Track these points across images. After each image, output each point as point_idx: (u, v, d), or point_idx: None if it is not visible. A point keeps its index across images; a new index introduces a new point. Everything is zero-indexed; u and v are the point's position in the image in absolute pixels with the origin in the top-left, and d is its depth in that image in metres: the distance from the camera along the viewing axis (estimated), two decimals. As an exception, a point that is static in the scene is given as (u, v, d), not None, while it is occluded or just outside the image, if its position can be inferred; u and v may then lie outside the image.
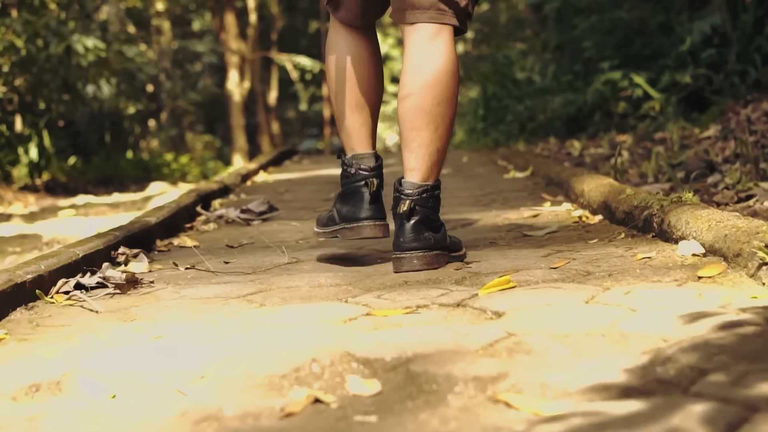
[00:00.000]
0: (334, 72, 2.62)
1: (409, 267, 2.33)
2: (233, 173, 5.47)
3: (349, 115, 2.63)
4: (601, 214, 3.24)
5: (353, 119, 2.62)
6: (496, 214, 3.60)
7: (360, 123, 2.62)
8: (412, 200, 2.35)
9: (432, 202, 2.39)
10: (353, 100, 2.61)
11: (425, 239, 2.35)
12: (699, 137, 5.92)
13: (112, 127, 15.74)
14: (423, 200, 2.37)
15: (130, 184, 11.13)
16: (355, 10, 2.60)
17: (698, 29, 8.29)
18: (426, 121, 2.38)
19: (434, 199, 2.40)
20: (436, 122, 2.38)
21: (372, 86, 2.62)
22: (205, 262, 2.70)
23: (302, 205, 4.34)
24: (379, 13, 2.65)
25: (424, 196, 2.37)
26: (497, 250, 2.67)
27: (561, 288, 1.98)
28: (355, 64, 2.59)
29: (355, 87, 2.60)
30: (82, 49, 8.78)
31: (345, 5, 2.60)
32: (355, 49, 2.60)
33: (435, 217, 2.40)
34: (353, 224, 2.55)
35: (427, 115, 2.38)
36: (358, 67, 2.59)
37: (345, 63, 2.60)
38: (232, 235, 3.48)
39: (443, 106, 2.38)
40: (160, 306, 2.09)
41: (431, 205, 2.39)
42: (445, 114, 2.39)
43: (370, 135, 2.64)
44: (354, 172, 2.59)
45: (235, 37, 20.52)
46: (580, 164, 5.84)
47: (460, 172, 5.55)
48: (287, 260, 2.75)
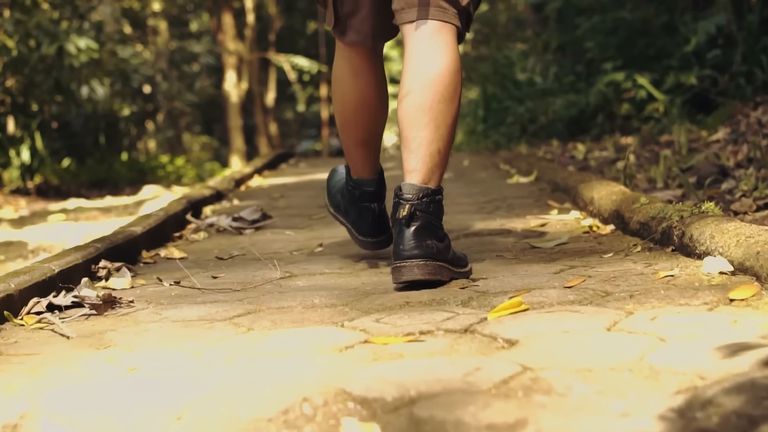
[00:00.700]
0: (341, 108, 2.66)
1: (409, 276, 2.14)
2: (227, 178, 5.29)
3: (354, 149, 2.71)
4: (612, 224, 3.06)
5: (358, 153, 2.71)
6: (501, 222, 3.42)
7: (365, 156, 2.72)
8: (412, 204, 2.19)
9: (434, 208, 2.23)
10: (359, 138, 2.68)
11: (428, 247, 2.17)
12: (708, 140, 5.74)
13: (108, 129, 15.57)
14: (424, 205, 2.20)
15: (125, 187, 10.95)
16: (365, 31, 2.53)
17: (703, 29, 8.13)
18: (426, 121, 2.24)
19: (436, 205, 2.24)
20: (437, 121, 2.25)
21: (377, 123, 2.68)
22: (192, 277, 2.52)
23: (297, 212, 4.16)
24: (389, 33, 2.56)
25: (425, 201, 2.20)
26: (505, 264, 2.48)
27: (578, 311, 1.79)
28: (361, 105, 2.62)
29: (361, 127, 2.65)
30: (74, 49, 8.59)
31: (354, 27, 2.53)
32: (363, 87, 2.61)
33: (438, 225, 2.25)
34: (362, 238, 2.75)
35: (428, 113, 2.25)
36: (364, 108, 2.63)
37: (351, 104, 2.63)
38: (223, 246, 3.30)
39: (444, 104, 2.26)
40: (138, 330, 1.91)
41: (433, 210, 2.22)
42: (446, 113, 2.26)
43: (373, 163, 2.74)
44: (358, 195, 2.75)
45: (232, 37, 20.35)
46: (584, 168, 5.67)
47: (461, 177, 5.37)
48: (279, 275, 2.57)
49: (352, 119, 2.64)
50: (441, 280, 2.18)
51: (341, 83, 2.63)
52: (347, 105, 2.63)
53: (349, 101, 2.62)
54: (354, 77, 2.60)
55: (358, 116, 2.62)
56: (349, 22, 2.52)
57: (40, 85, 9.19)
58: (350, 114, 2.64)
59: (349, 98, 2.62)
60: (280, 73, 23.78)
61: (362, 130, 2.64)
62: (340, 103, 2.64)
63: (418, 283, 2.16)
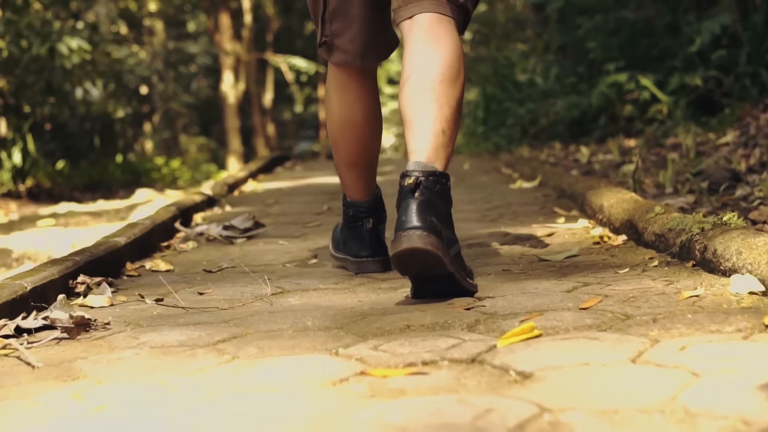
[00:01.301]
0: (329, 125, 2.63)
1: (408, 244, 1.94)
2: (219, 183, 5.11)
3: (344, 170, 2.67)
4: (624, 234, 2.89)
5: (348, 174, 2.66)
6: (506, 232, 3.25)
7: (355, 178, 2.66)
8: (418, 177, 2.01)
9: (440, 189, 2.04)
10: (348, 158, 2.63)
11: (431, 223, 1.98)
12: (716, 143, 5.57)
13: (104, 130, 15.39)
14: (430, 183, 2.02)
15: (119, 190, 10.76)
16: (353, 50, 2.48)
17: (707, 29, 7.98)
18: (427, 100, 2.10)
19: (443, 188, 2.05)
20: (440, 101, 2.11)
21: (366, 146, 2.62)
22: (176, 294, 2.34)
23: (292, 220, 3.98)
24: (381, 52, 2.53)
25: (431, 179, 2.02)
26: (512, 280, 2.31)
27: (598, 339, 1.62)
28: (349, 124, 2.58)
29: (348, 148, 2.61)
30: (66, 50, 8.41)
31: (341, 47, 2.49)
32: (350, 105, 2.56)
33: (446, 211, 2.07)
34: (356, 259, 2.65)
35: (429, 93, 2.11)
36: (351, 128, 2.58)
37: (338, 122, 2.59)
38: (212, 257, 3.12)
39: (446, 85, 2.13)
40: (111, 358, 1.73)
41: (439, 191, 2.04)
42: (449, 94, 2.13)
43: (365, 186, 2.67)
44: (352, 214, 2.68)
45: (229, 38, 20.19)
46: (589, 172, 5.50)
47: (462, 181, 5.20)
48: (270, 291, 2.39)
49: (340, 139, 2.60)
50: (441, 258, 1.97)
51: (329, 99, 2.60)
52: (334, 122, 2.59)
53: (335, 119, 2.58)
54: (341, 94, 2.57)
55: (345, 136, 2.58)
56: (336, 42, 2.48)
57: (32, 86, 9.00)
58: (337, 133, 2.60)
59: (335, 115, 2.59)
60: (278, 74, 23.63)
61: (350, 151, 2.60)
62: (329, 120, 2.62)
63: (417, 253, 1.96)
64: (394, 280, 2.48)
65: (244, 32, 21.36)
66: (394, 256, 1.99)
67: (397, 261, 2.00)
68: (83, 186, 10.58)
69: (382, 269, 2.64)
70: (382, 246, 2.67)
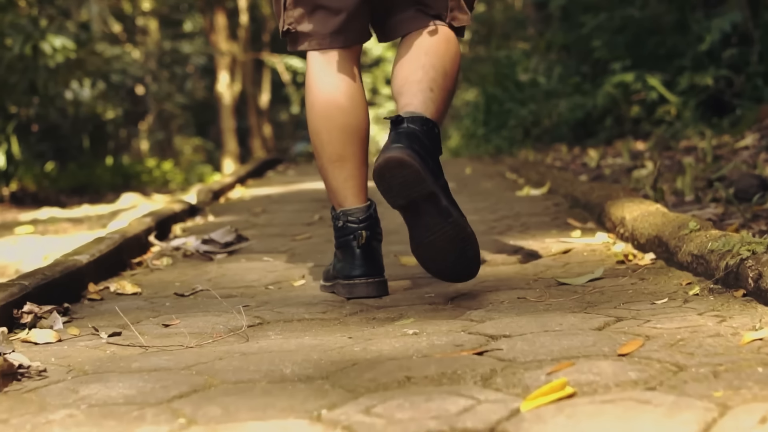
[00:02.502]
0: (311, 116, 2.36)
1: (386, 155, 2.03)
2: (204, 189, 4.75)
3: (330, 170, 2.33)
4: (652, 252, 2.55)
5: (336, 174, 2.33)
6: (516, 247, 2.90)
7: (344, 178, 2.32)
8: (405, 119, 2.11)
9: (427, 131, 2.13)
10: (334, 152, 2.31)
11: (413, 148, 2.05)
12: (735, 147, 5.24)
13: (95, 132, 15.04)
14: (416, 122, 2.12)
15: (107, 193, 10.40)
16: (320, 32, 2.31)
17: (717, 27, 7.67)
18: (418, 66, 2.22)
19: (429, 131, 2.14)
20: (426, 67, 2.23)
21: (353, 134, 2.32)
22: (134, 329, 1.99)
23: (279, 231, 3.64)
24: (354, 36, 2.33)
25: (417, 120, 2.12)
26: (530, 312, 1.97)
27: (649, 402, 1.28)
28: (334, 108, 2.31)
29: (335, 138, 2.31)
30: (49, 49, 8.05)
31: (306, 32, 2.32)
32: (334, 90, 2.32)
33: (431, 147, 2.12)
34: (346, 281, 2.30)
35: (416, 62, 2.24)
36: (338, 113, 2.31)
37: (323, 107, 2.32)
38: (187, 277, 2.78)
39: (435, 57, 2.24)
40: (37, 423, 1.38)
41: (426, 131, 2.12)
42: (438, 64, 2.24)
43: (358, 188, 2.33)
44: (342, 225, 2.33)
45: (225, 38, 19.89)
46: (598, 177, 5.17)
47: (464, 188, 4.85)
48: (247, 323, 2.05)
49: (323, 127, 2.32)
50: (420, 171, 2.03)
51: (308, 89, 2.36)
52: (315, 110, 2.33)
53: (316, 106, 2.33)
54: (320, 79, 2.34)
55: (329, 124, 2.31)
56: (299, 28, 2.33)
57: (15, 87, 8.64)
58: (320, 120, 2.32)
59: (316, 101, 2.33)
60: (275, 75, 23.30)
61: (335, 142, 2.30)
62: (310, 112, 2.35)
63: (395, 164, 2.03)
64: (392, 309, 2.14)
65: (240, 32, 21.08)
66: (374, 172, 2.04)
67: (377, 176, 2.04)
68: (70, 189, 10.22)
69: (377, 293, 2.29)
70: (378, 265, 2.32)
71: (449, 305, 2.16)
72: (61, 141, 13.68)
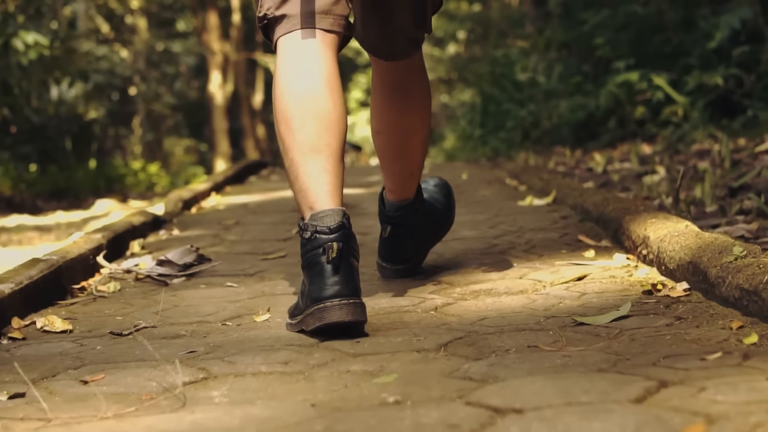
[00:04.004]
0: (281, 104, 2.02)
1: (391, 276, 2.50)
2: (173, 198, 4.31)
3: (301, 163, 1.96)
4: (685, 281, 2.12)
5: (307, 169, 1.95)
6: (522, 272, 2.48)
7: (317, 171, 1.95)
8: (393, 222, 2.46)
9: (414, 216, 2.48)
10: (308, 142, 1.96)
11: (407, 250, 2.49)
12: (754, 151, 4.82)
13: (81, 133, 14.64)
14: (402, 217, 2.46)
15: (88, 197, 9.98)
16: (297, 13, 2.02)
17: (726, 24, 7.28)
18: (398, 155, 2.44)
19: (415, 212, 2.48)
20: (407, 153, 2.44)
21: (330, 125, 1.98)
22: (36, 392, 1.56)
23: (249, 249, 3.20)
24: (333, 20, 2.05)
25: (404, 214, 2.46)
26: (545, 369, 1.54)
27: None
28: (310, 96, 2.00)
29: (309, 127, 1.97)
30: (21, 45, 7.61)
31: (284, 14, 2.04)
32: (310, 77, 2.01)
33: (417, 227, 2.49)
34: (314, 306, 1.88)
35: (397, 150, 2.44)
36: (314, 101, 1.99)
37: (297, 95, 2.00)
38: (133, 308, 2.35)
39: (412, 139, 2.44)
40: None
41: (412, 218, 2.48)
42: (416, 144, 2.44)
43: (332, 186, 1.96)
44: (310, 237, 1.92)
45: (217, 37, 19.54)
46: (606, 184, 4.75)
47: (461, 196, 4.40)
48: (186, 379, 1.62)
49: (296, 114, 1.98)
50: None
51: (278, 79, 2.03)
52: (286, 98, 2.00)
53: (288, 94, 2.00)
54: (294, 66, 2.03)
55: (301, 108, 1.98)
56: (276, 13, 2.04)
57: (-13, 85, 8.21)
58: (292, 108, 1.99)
59: (288, 89, 2.01)
60: (268, 75, 22.93)
61: (309, 132, 1.96)
62: (278, 100, 2.01)
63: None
64: (371, 358, 1.72)
65: (233, 31, 20.74)
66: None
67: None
68: (48, 194, 9.79)
69: (353, 317, 1.87)
70: (354, 285, 1.90)
71: (441, 353, 1.74)
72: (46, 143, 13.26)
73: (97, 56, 14.77)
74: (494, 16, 15.16)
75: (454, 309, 2.12)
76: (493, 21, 14.98)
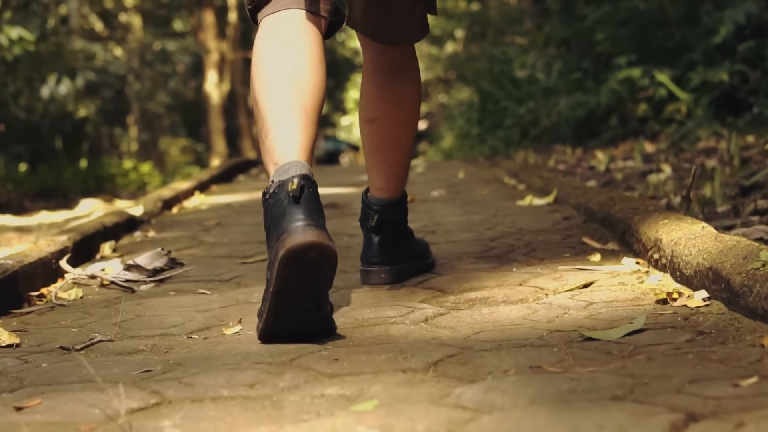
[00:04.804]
0: (259, 73, 1.94)
1: (376, 281, 2.29)
2: (152, 198, 4.08)
3: (272, 121, 1.85)
4: (704, 289, 1.90)
5: (278, 126, 1.85)
6: (521, 278, 2.26)
7: (288, 128, 1.84)
8: (380, 214, 2.29)
9: (399, 214, 2.35)
10: (282, 103, 1.87)
11: (393, 252, 2.30)
12: (766, 148, 4.60)
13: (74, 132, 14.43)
14: (390, 213, 2.32)
15: (77, 197, 9.75)
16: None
17: (730, 19, 7.09)
18: (392, 147, 2.31)
19: (402, 211, 2.36)
20: (402, 145, 2.32)
21: (308, 89, 1.90)
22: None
23: (228, 252, 2.98)
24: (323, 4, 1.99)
25: (392, 210, 2.32)
26: (550, 397, 1.31)
27: None
28: (292, 69, 1.91)
29: (286, 91, 1.89)
30: (5, 41, 7.37)
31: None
32: (294, 54, 1.94)
33: (402, 227, 2.36)
34: (277, 241, 1.70)
35: (392, 141, 2.31)
36: (295, 72, 1.91)
37: (272, 61, 1.94)
38: (91, 318, 2.13)
39: (407, 129, 2.32)
40: None
41: (399, 216, 2.35)
42: (409, 136, 2.34)
43: (301, 143, 1.83)
44: (273, 191, 1.76)
45: (213, 36, 19.35)
46: (609, 183, 4.54)
47: (456, 195, 4.20)
48: (130, 407, 1.40)
49: (272, 80, 1.90)
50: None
51: (257, 53, 1.95)
52: (266, 70, 1.92)
53: (268, 66, 1.92)
54: (275, 42, 1.96)
55: (281, 73, 1.90)
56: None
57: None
58: (269, 75, 1.90)
59: (269, 62, 1.93)
60: (265, 74, 22.79)
61: (285, 94, 1.87)
62: (257, 71, 1.93)
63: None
64: (349, 379, 1.49)
65: (229, 30, 20.56)
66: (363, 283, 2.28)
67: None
68: (36, 193, 9.56)
69: (317, 238, 1.68)
70: (319, 219, 1.74)
71: (431, 373, 1.52)
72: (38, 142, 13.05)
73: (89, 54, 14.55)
74: (492, 14, 14.95)
75: (446, 320, 1.90)
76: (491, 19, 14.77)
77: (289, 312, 1.72)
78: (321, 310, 1.76)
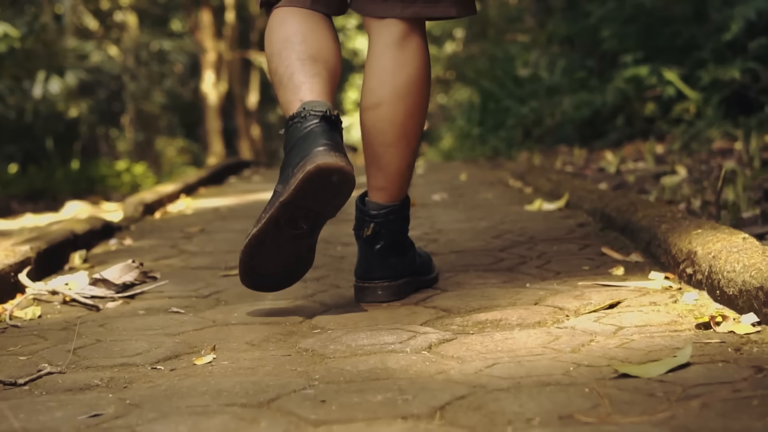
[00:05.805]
0: (274, 36, 2.00)
1: (372, 298, 2.04)
2: (133, 202, 3.80)
3: (298, 65, 1.93)
4: (752, 312, 1.63)
5: (304, 68, 1.92)
6: (537, 295, 1.99)
7: (313, 73, 1.92)
8: (378, 223, 2.03)
9: (399, 224, 2.08)
10: (305, 52, 1.95)
11: (391, 266, 2.05)
12: (787, 149, 4.35)
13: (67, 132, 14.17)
14: (390, 222, 2.05)
15: (67, 199, 9.48)
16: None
17: (741, 15, 6.86)
18: (397, 136, 2.04)
19: (401, 219, 2.09)
20: (408, 137, 2.07)
21: (328, 43, 2.00)
22: None
23: (209, 262, 2.70)
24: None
25: (391, 218, 2.05)
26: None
27: None
28: (306, 31, 1.98)
29: (307, 39, 1.96)
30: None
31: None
32: (306, 17, 2.00)
33: (402, 239, 2.10)
34: (300, 163, 1.78)
35: (399, 128, 2.05)
36: (309, 23, 1.98)
37: (291, 24, 1.98)
38: (45, 342, 1.85)
39: (416, 117, 2.07)
40: None
41: (398, 226, 2.08)
42: (417, 127, 2.09)
43: (326, 87, 1.92)
44: (301, 115, 1.84)
45: (210, 36, 19.14)
46: (621, 185, 4.27)
47: (460, 199, 3.93)
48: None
49: (291, 34, 1.96)
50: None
51: (272, 23, 2.02)
52: (282, 29, 1.98)
53: (284, 24, 1.98)
54: (292, 14, 2.00)
55: (301, 29, 1.97)
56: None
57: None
58: (287, 31, 1.97)
59: (284, 23, 1.99)
60: (263, 75, 22.54)
61: (308, 45, 1.95)
62: (273, 33, 2.00)
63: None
64: (337, 429, 1.22)
65: (227, 30, 20.35)
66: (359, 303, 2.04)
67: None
68: (24, 195, 9.28)
69: (336, 161, 1.78)
70: (343, 152, 1.82)
71: (436, 421, 1.25)
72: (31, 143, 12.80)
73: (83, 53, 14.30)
74: (492, 14, 14.71)
75: (453, 349, 1.63)
76: (491, 19, 14.53)
77: (286, 225, 1.80)
78: (312, 236, 1.86)
